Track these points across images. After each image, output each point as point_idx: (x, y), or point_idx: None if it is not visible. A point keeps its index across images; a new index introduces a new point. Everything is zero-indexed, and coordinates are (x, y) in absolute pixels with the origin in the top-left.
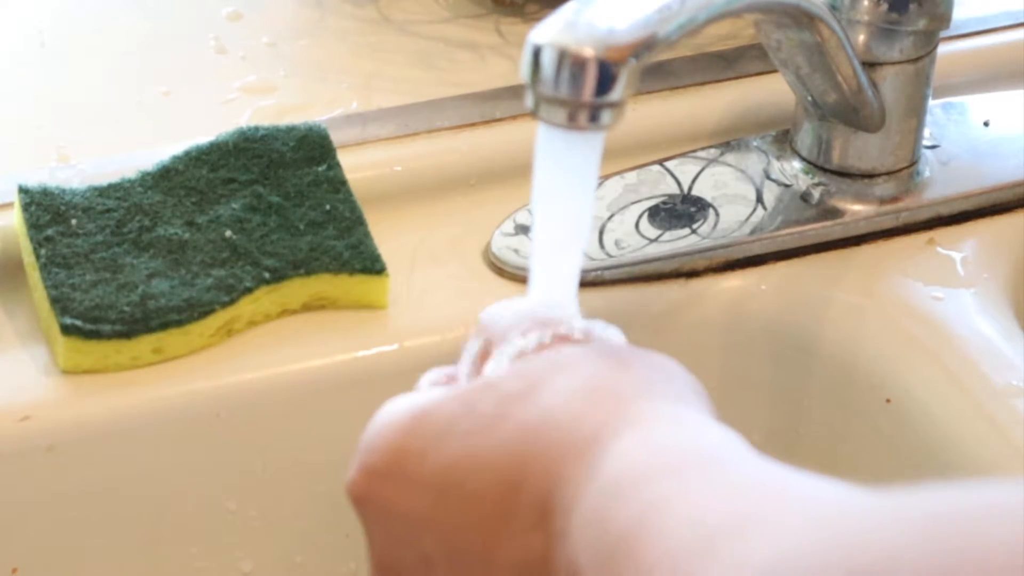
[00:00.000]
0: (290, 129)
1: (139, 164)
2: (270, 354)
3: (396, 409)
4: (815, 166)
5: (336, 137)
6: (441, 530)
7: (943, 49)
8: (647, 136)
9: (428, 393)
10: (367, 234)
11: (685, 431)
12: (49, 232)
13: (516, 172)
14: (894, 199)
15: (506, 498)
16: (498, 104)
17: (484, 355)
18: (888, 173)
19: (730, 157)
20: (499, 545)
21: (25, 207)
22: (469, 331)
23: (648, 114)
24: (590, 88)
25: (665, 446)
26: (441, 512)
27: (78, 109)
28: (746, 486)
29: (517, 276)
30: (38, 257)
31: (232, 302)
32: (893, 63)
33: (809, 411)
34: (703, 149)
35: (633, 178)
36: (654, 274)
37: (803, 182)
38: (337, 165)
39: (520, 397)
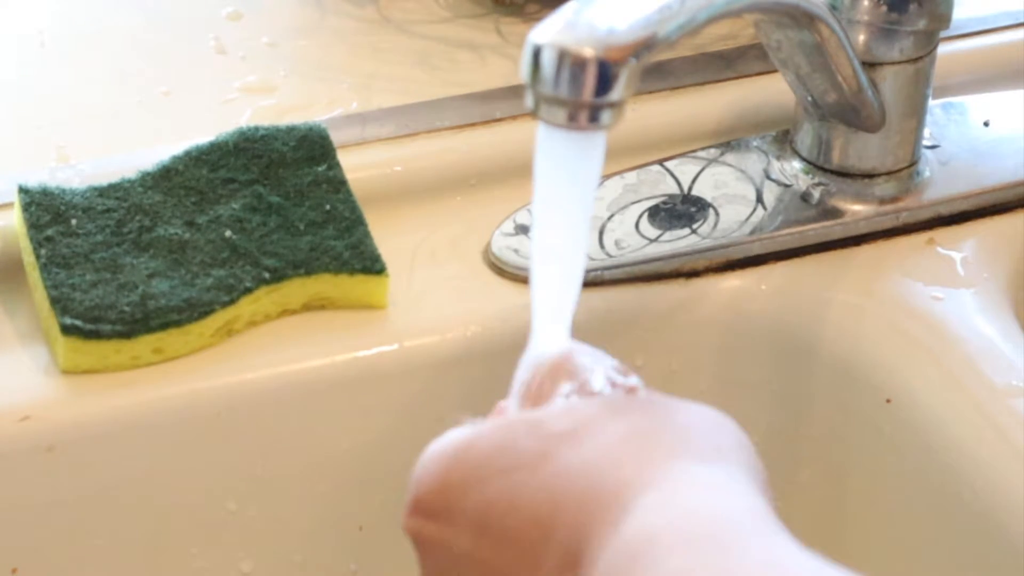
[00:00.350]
0: (290, 129)
1: (139, 164)
2: (270, 354)
3: (443, 442)
4: (815, 166)
5: (336, 137)
6: (481, 567)
7: (943, 49)
8: (647, 136)
9: (476, 426)
10: (367, 234)
11: (708, 498)
12: (49, 232)
13: (516, 172)
14: (894, 199)
15: (540, 540)
16: (498, 104)
17: (536, 391)
18: (888, 173)
19: (730, 157)
20: None
21: (25, 207)
22: (467, 332)
23: (648, 114)
24: (590, 88)
25: (685, 513)
26: (481, 549)
27: (78, 109)
28: (752, 566)
29: (517, 276)
30: (38, 257)
31: (232, 302)
32: (893, 63)
33: (809, 411)
34: (703, 149)
35: (633, 178)
36: (654, 274)
37: (803, 182)
38: (337, 165)
39: (565, 438)
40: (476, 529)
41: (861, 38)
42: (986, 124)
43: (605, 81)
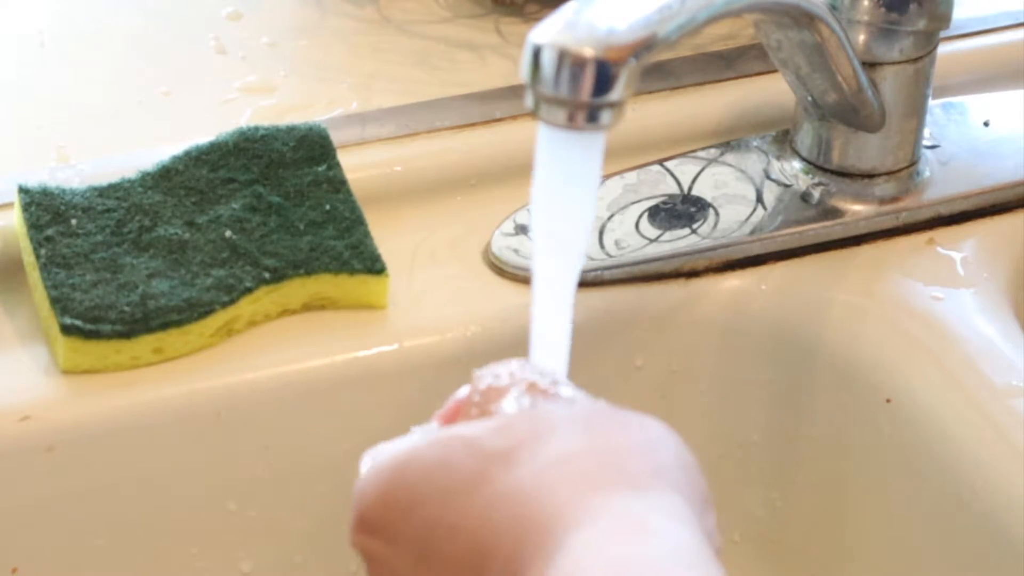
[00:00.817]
0: (290, 129)
1: (139, 164)
2: (270, 354)
3: (383, 456)
4: (815, 166)
5: (336, 137)
6: None
7: (943, 49)
8: (647, 136)
9: (409, 439)
10: (367, 234)
11: (638, 541)
12: (49, 232)
13: (516, 172)
14: (894, 199)
15: (479, 566)
16: (498, 104)
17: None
18: (888, 173)
19: (730, 157)
20: None
21: (25, 207)
22: (467, 332)
23: (648, 114)
24: (590, 88)
25: (616, 557)
26: (423, 571)
27: (78, 109)
28: None
29: (517, 276)
30: (38, 257)
31: (232, 302)
32: (893, 63)
33: (809, 411)
34: (703, 149)
35: (633, 178)
36: (654, 274)
37: (803, 182)
38: (337, 165)
39: (501, 459)
40: (417, 552)
41: (861, 38)
42: (986, 124)
43: (605, 81)
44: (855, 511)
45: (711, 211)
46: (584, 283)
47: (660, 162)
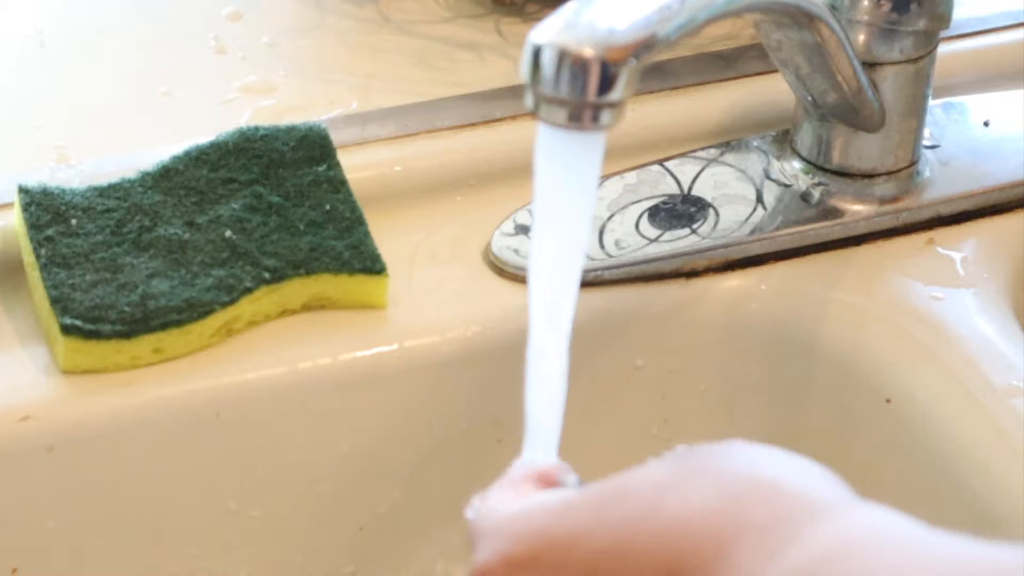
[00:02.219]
0: (290, 129)
1: (139, 164)
2: (270, 354)
3: (533, 502)
4: (815, 166)
5: (336, 137)
6: None
7: (943, 49)
8: (647, 136)
9: (561, 491)
10: (367, 234)
11: (870, 513)
12: (49, 232)
13: (516, 172)
14: (894, 199)
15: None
16: (498, 104)
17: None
18: (888, 173)
19: (730, 157)
20: None
21: (25, 207)
22: (467, 332)
23: (648, 114)
24: (590, 88)
25: (862, 525)
26: None
27: (78, 109)
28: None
29: (517, 276)
30: (38, 257)
31: (232, 302)
32: (893, 63)
33: (809, 411)
34: (703, 149)
35: (633, 178)
36: (654, 274)
37: (803, 182)
38: (337, 165)
39: (673, 487)
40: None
41: (861, 38)
42: (986, 124)
43: (605, 81)
44: None
45: (711, 211)
46: (584, 283)
47: (660, 162)
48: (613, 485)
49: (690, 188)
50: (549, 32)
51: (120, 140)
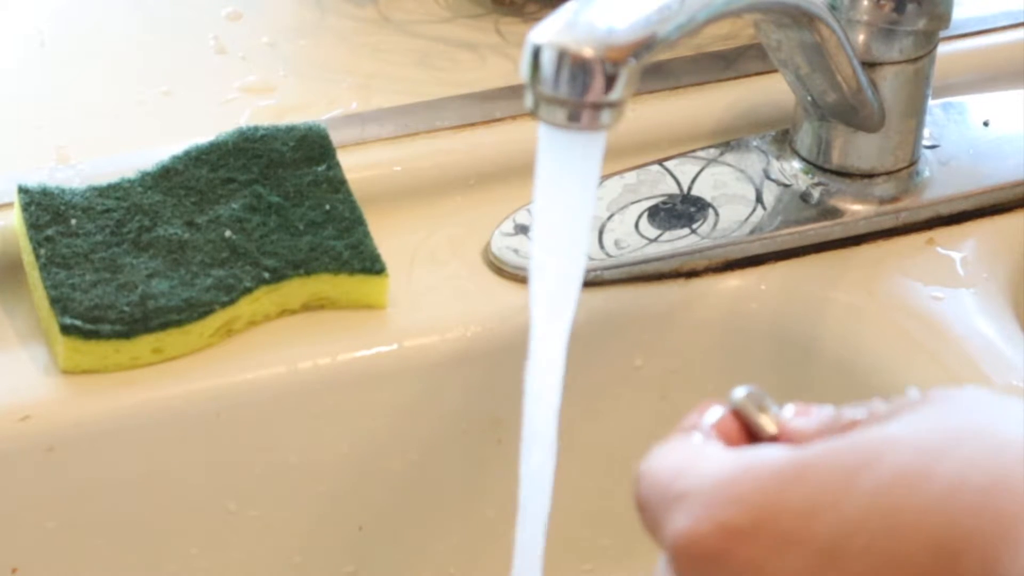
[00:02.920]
0: (290, 129)
1: (139, 164)
2: (270, 354)
3: (756, 458)
4: (815, 166)
5: (336, 137)
6: None
7: (943, 49)
8: (647, 136)
9: (778, 448)
10: (367, 234)
11: None
12: (49, 232)
13: (516, 172)
14: (894, 199)
15: (942, 566)
16: (498, 104)
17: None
18: (888, 173)
19: (730, 157)
20: None
21: (25, 207)
22: (467, 332)
23: (648, 114)
24: (590, 88)
25: None
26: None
27: (78, 109)
28: None
29: (517, 276)
30: (38, 257)
31: (232, 302)
32: (893, 63)
33: None
34: (703, 149)
35: (633, 178)
36: (654, 274)
37: (803, 182)
38: (337, 165)
39: (942, 453)
40: (829, 554)
41: (861, 38)
42: (986, 124)
43: (605, 81)
44: None
45: (711, 211)
46: (584, 283)
47: (660, 162)
48: (851, 445)
49: (690, 188)
50: (549, 32)
51: (120, 140)
